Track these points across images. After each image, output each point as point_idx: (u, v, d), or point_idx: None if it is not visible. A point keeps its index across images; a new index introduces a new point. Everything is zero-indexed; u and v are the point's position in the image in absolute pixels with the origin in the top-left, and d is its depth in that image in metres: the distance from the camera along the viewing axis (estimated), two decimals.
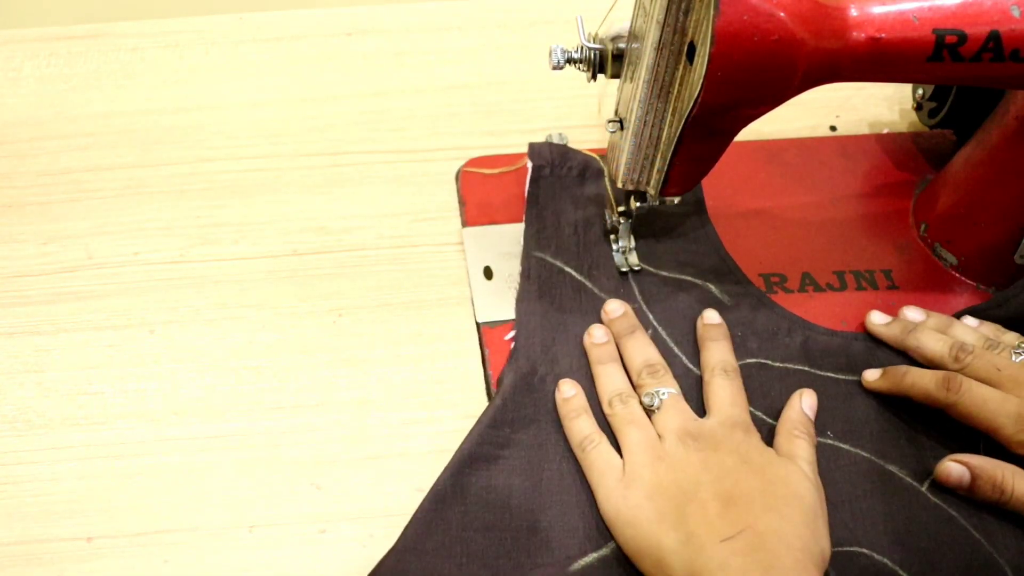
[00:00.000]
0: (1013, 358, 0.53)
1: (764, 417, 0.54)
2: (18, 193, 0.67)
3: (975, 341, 0.55)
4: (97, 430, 0.55)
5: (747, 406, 0.54)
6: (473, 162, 0.68)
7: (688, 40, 0.48)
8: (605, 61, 0.54)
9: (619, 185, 0.56)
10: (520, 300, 0.60)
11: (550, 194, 0.64)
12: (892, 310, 0.59)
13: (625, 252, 0.61)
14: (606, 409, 0.54)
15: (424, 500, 0.51)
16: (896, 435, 0.54)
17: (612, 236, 0.62)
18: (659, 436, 0.52)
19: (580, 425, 0.53)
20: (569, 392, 0.55)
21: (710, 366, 0.55)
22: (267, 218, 0.65)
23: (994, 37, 0.47)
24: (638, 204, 0.59)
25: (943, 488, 0.52)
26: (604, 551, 0.50)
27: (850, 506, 0.51)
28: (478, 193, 0.66)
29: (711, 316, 0.58)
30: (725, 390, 0.54)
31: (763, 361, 0.57)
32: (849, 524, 0.51)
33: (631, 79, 0.53)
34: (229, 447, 0.54)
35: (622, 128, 0.55)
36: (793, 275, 0.61)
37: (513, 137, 0.70)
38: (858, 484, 0.52)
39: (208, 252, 0.63)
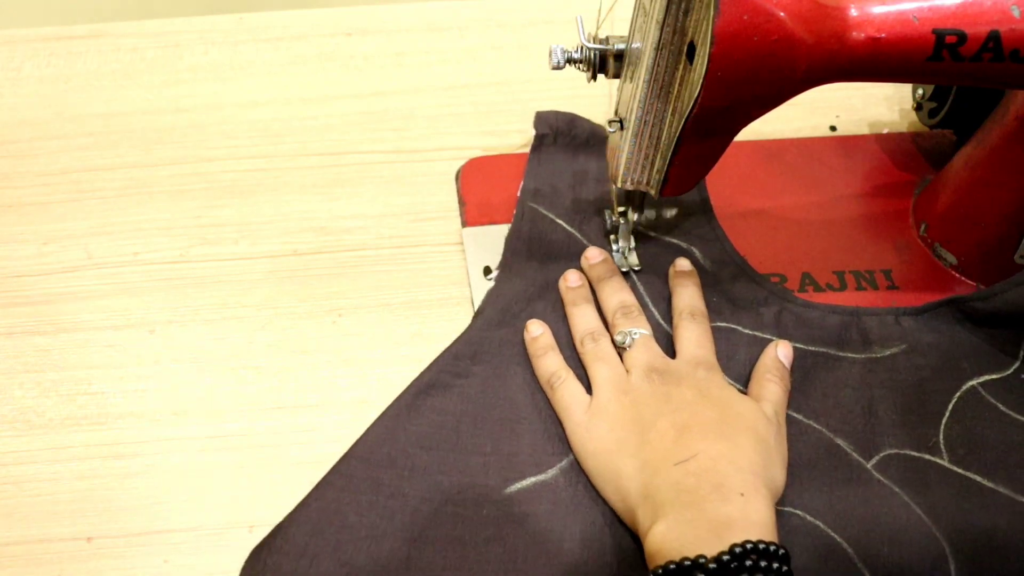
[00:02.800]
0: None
1: (725, 378, 0.55)
2: (18, 193, 0.67)
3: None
4: (97, 430, 0.55)
5: (713, 347, 0.56)
6: (473, 162, 0.68)
7: (688, 40, 0.48)
8: (605, 61, 0.54)
9: (619, 185, 0.56)
10: (509, 239, 0.62)
11: (551, 157, 0.67)
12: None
13: (625, 252, 0.61)
14: (578, 347, 0.56)
15: (378, 417, 0.54)
16: (854, 410, 0.54)
17: (612, 236, 0.62)
18: (627, 372, 0.53)
19: (547, 362, 0.55)
20: (536, 331, 0.57)
21: (679, 310, 0.57)
22: (267, 218, 0.65)
23: (994, 37, 0.47)
24: (636, 218, 0.60)
25: (890, 466, 0.52)
26: (542, 476, 0.52)
27: (791, 473, 0.52)
28: (478, 193, 0.66)
29: (682, 263, 0.60)
30: (692, 332, 0.56)
31: (733, 326, 0.58)
32: (788, 490, 0.51)
33: (631, 79, 0.53)
34: (229, 447, 0.54)
35: (622, 128, 0.54)
36: (793, 275, 0.61)
37: (513, 137, 0.70)
38: (803, 453, 0.52)
39: (208, 252, 0.63)
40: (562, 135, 0.68)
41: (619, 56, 0.54)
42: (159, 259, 0.63)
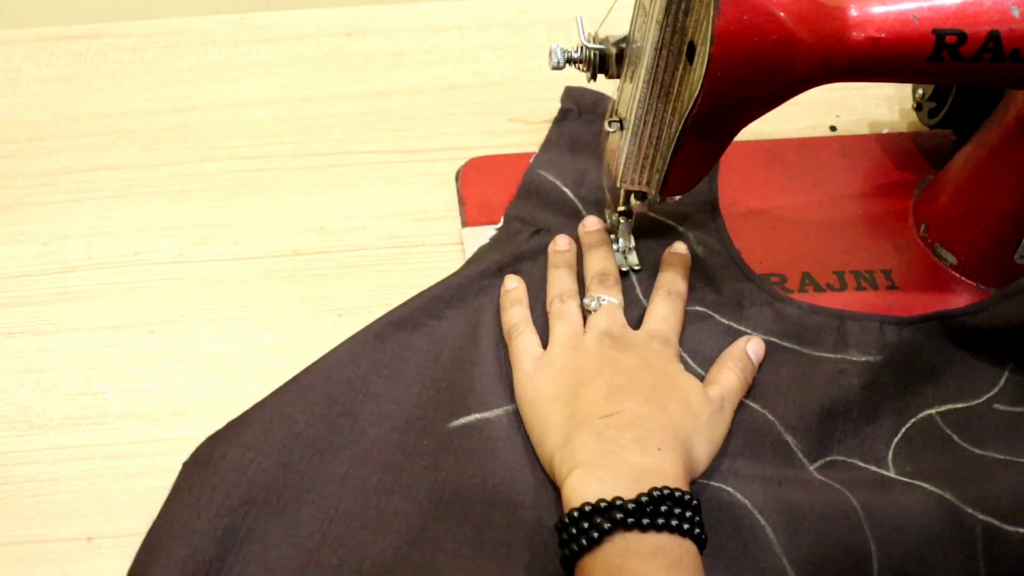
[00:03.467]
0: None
1: (689, 361, 0.56)
2: (18, 193, 0.67)
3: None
4: (97, 430, 0.55)
5: (678, 328, 0.57)
6: (473, 162, 0.68)
7: (688, 40, 0.48)
8: (605, 61, 0.54)
9: (619, 185, 0.56)
10: (513, 201, 0.64)
11: (570, 132, 0.68)
12: (892, 311, 0.59)
13: (625, 252, 0.61)
14: (548, 306, 0.57)
15: (345, 340, 0.56)
16: (812, 409, 0.54)
17: (612, 236, 0.62)
18: (585, 333, 0.55)
19: (512, 314, 0.57)
20: (511, 285, 0.59)
21: (658, 286, 0.59)
22: (267, 218, 0.65)
23: (994, 37, 0.47)
24: (637, 203, 0.60)
25: (833, 470, 0.52)
26: (487, 414, 0.53)
27: (731, 454, 0.52)
28: (478, 193, 0.66)
29: (678, 247, 0.61)
30: (662, 308, 0.57)
31: (711, 313, 0.58)
32: (723, 469, 0.51)
33: (631, 79, 0.53)
34: None
35: (622, 128, 0.55)
36: (793, 275, 0.61)
37: (513, 137, 0.70)
38: (749, 441, 0.53)
39: (208, 252, 0.63)
40: (586, 112, 0.69)
41: (619, 56, 0.54)
42: (159, 259, 0.63)
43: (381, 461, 0.51)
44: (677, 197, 0.62)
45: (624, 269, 0.60)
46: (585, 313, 0.56)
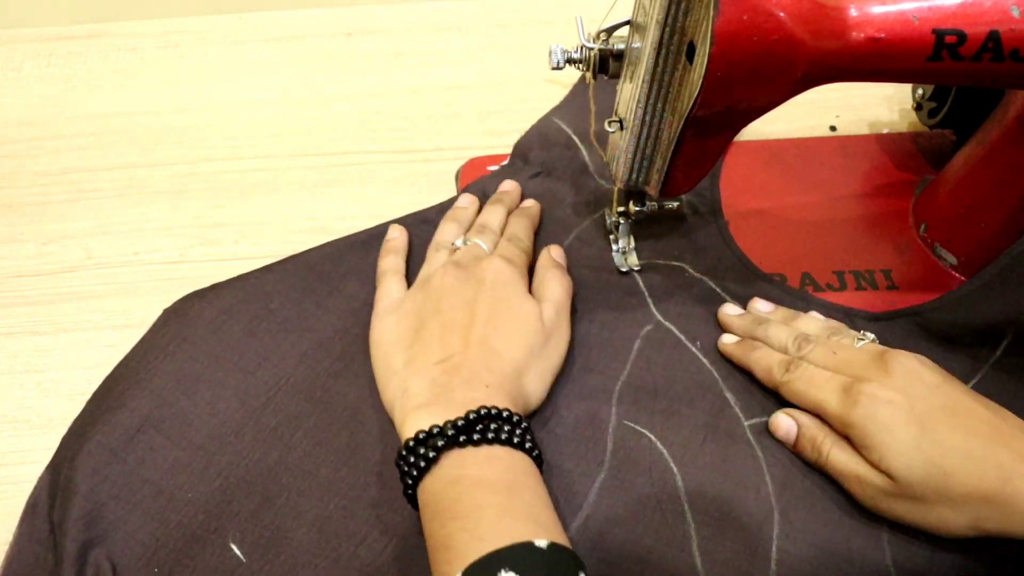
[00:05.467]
0: (856, 344, 0.53)
1: (654, 312, 0.58)
2: (18, 193, 0.67)
3: (819, 332, 0.55)
4: None
5: (528, 240, 0.59)
6: (473, 162, 0.68)
7: (688, 40, 0.48)
8: (605, 61, 0.54)
9: (619, 185, 0.56)
10: (518, 144, 0.68)
11: (595, 89, 0.69)
12: (891, 310, 0.59)
13: (624, 252, 0.61)
14: (427, 252, 0.60)
15: (336, 239, 0.61)
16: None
17: (612, 236, 0.62)
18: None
19: (385, 262, 0.59)
20: (392, 235, 0.61)
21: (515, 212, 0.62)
22: (267, 218, 0.65)
23: (994, 37, 0.47)
24: (637, 208, 0.60)
25: (765, 431, 0.53)
26: None
27: (669, 401, 0.54)
28: None
29: (529, 202, 0.64)
30: (513, 224, 0.60)
31: (684, 267, 0.60)
32: (658, 409, 0.53)
33: (631, 79, 0.53)
34: None
35: (622, 128, 0.55)
36: (793, 275, 0.61)
37: (513, 137, 0.70)
38: (689, 388, 0.54)
39: (208, 252, 0.63)
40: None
41: (619, 56, 0.54)
42: (159, 259, 0.63)
43: (338, 350, 0.56)
44: (675, 205, 0.62)
45: (624, 270, 0.61)
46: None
